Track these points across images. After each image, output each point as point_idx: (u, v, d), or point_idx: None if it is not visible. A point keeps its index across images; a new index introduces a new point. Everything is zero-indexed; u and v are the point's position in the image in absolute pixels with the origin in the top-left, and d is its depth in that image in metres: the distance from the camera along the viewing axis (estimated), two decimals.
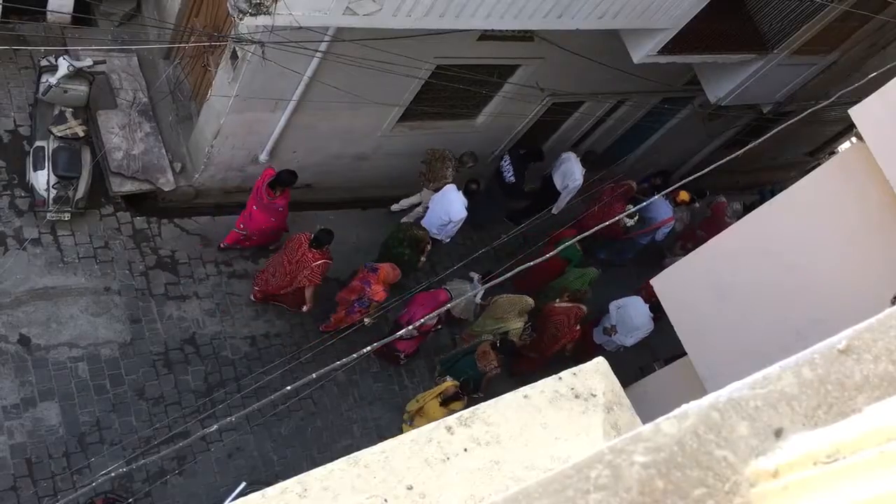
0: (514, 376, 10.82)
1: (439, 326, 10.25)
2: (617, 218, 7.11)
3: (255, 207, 9.44)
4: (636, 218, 12.35)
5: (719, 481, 0.96)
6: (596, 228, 5.43)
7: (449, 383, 9.52)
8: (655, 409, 1.46)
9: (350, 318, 9.79)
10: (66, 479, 7.98)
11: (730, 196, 14.75)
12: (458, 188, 10.67)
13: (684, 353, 8.63)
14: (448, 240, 10.87)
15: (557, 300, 11.25)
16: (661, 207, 12.80)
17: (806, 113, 6.10)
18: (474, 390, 9.55)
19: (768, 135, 5.59)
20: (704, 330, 8.15)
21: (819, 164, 10.20)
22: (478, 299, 10.62)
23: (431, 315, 5.23)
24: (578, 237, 5.86)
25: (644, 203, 7.49)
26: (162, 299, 9.35)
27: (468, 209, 10.56)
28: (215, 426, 3.96)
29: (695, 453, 0.98)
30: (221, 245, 10.03)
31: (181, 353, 9.21)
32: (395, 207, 11.64)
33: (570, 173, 12.08)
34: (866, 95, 6.50)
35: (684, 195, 13.05)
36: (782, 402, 1.03)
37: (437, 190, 10.89)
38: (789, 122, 5.99)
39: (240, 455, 8.98)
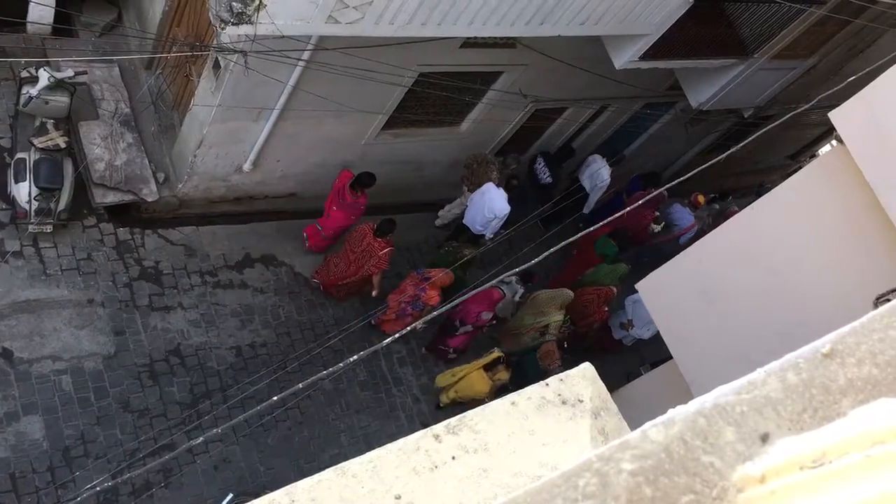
0: None
1: (493, 321, 10.77)
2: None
3: (334, 208, 10.06)
4: (662, 224, 12.98)
5: (707, 487, 0.96)
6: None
7: (495, 353, 9.90)
8: (642, 413, 1.46)
9: (402, 322, 10.11)
10: (51, 493, 7.90)
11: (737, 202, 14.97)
12: (499, 185, 11.08)
13: (670, 357, 8.67)
14: (492, 235, 11.18)
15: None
16: (683, 215, 13.38)
17: (787, 117, 6.16)
18: None
19: (750, 139, 5.63)
20: (690, 334, 8.19)
21: (800, 168, 10.28)
22: (517, 298, 11.10)
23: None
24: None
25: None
26: (146, 310, 9.29)
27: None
28: (201, 438, 3.93)
29: (682, 460, 0.98)
30: (308, 246, 10.62)
31: (166, 365, 9.14)
32: (439, 223, 12.20)
33: (598, 174, 12.60)
34: (846, 99, 6.56)
35: (701, 198, 13.64)
36: (768, 406, 1.04)
37: None
38: (770, 126, 6.04)
39: (226, 466, 8.92)
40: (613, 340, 12.41)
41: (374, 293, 10.15)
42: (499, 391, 9.39)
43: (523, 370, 10.24)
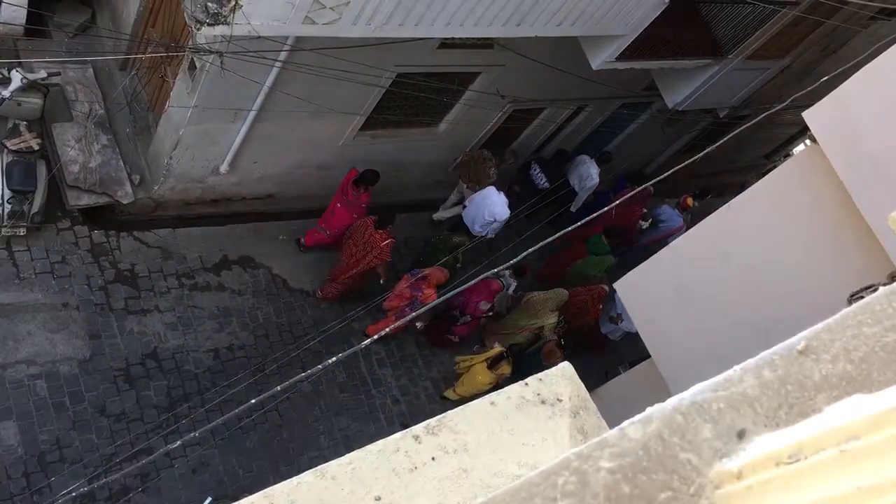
0: None
1: (491, 312, 11.08)
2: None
3: (338, 205, 10.22)
4: (650, 221, 13.39)
5: (684, 484, 0.97)
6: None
7: (498, 349, 10.26)
8: (621, 411, 1.47)
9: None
10: (27, 499, 7.80)
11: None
12: (499, 188, 11.37)
13: (648, 356, 8.72)
14: (493, 235, 11.45)
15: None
16: (672, 216, 13.77)
17: (761, 117, 6.21)
18: None
19: (725, 138, 5.68)
20: (667, 332, 8.24)
21: (775, 167, 10.39)
22: (510, 291, 11.37)
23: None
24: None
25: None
26: (122, 314, 9.20)
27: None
28: (179, 442, 3.90)
29: (660, 457, 0.99)
30: (301, 245, 10.76)
31: (143, 368, 9.06)
32: (437, 217, 12.40)
33: (587, 174, 12.85)
34: (819, 98, 6.64)
35: (690, 200, 14.04)
36: (744, 403, 1.05)
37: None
38: (745, 126, 6.09)
39: (205, 470, 8.85)
40: (600, 335, 12.55)
41: (382, 281, 10.37)
42: (501, 385, 9.54)
43: (527, 369, 10.38)
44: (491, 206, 11.15)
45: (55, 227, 9.21)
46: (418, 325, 10.68)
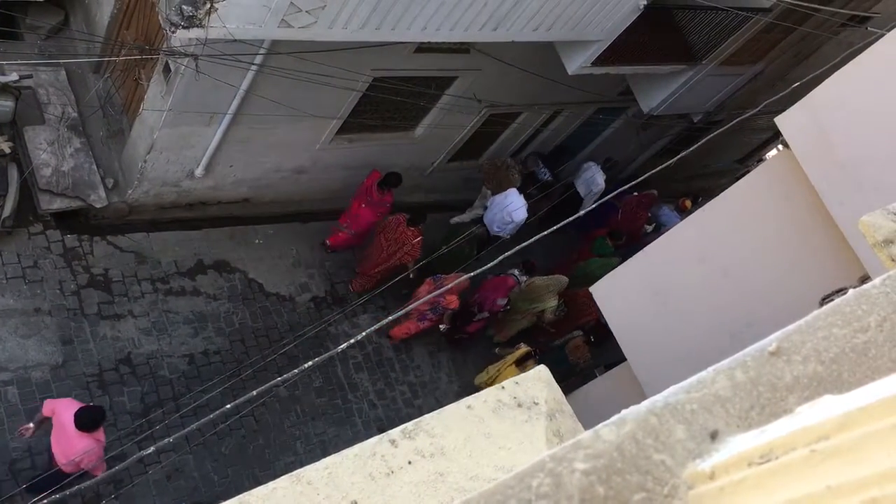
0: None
1: (508, 307, 11.38)
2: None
3: (362, 206, 10.55)
4: (654, 226, 13.97)
5: (658, 485, 0.98)
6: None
7: (524, 349, 10.60)
8: (597, 414, 1.48)
9: (422, 325, 10.85)
10: None
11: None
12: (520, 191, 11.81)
13: (624, 359, 8.76)
14: (509, 236, 11.73)
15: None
16: (670, 217, 14.33)
17: (734, 122, 6.29)
18: (563, 380, 10.13)
19: (699, 143, 5.73)
20: (643, 335, 8.29)
21: (748, 172, 10.49)
22: (522, 286, 11.63)
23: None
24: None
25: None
26: (95, 319, 9.10)
27: None
28: (152, 448, 3.86)
29: (634, 458, 0.99)
30: (329, 246, 11.08)
31: (116, 374, 8.96)
32: (454, 221, 12.78)
33: (594, 180, 13.26)
34: (791, 104, 6.72)
35: (688, 203, 14.60)
36: (717, 404, 1.06)
37: None
38: (719, 131, 6.16)
39: (179, 476, 8.77)
40: (605, 328, 12.86)
41: (411, 276, 10.58)
42: None
43: (552, 364, 10.48)
44: (510, 208, 11.56)
45: (27, 232, 9.09)
46: (441, 326, 11.07)
